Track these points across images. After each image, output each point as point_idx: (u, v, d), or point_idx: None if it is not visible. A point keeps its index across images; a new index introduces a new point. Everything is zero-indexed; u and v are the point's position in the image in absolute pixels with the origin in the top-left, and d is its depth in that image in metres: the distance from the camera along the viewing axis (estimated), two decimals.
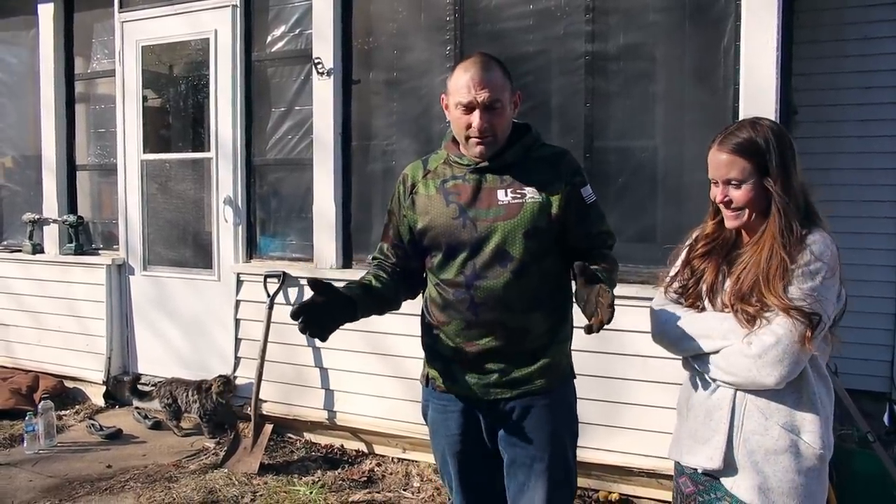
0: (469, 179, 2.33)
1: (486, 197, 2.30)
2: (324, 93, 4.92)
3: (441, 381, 2.47)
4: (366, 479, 4.51)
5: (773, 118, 3.66)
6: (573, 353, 2.54)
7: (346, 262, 4.93)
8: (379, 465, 4.69)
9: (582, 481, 4.29)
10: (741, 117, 3.72)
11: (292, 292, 5.01)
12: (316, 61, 4.90)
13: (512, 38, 4.48)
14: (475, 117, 2.23)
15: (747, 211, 2.01)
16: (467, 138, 2.28)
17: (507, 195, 2.28)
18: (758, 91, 3.72)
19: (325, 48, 4.90)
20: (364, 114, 4.96)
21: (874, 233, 5.74)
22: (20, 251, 6.46)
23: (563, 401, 2.46)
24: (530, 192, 2.28)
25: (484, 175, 2.32)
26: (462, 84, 2.23)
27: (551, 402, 2.39)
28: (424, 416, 2.60)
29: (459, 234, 2.31)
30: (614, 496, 4.21)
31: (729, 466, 2.02)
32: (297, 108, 5.17)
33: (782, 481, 1.96)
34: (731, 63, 3.86)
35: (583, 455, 4.17)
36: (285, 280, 5.01)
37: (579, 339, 4.15)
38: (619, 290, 3.95)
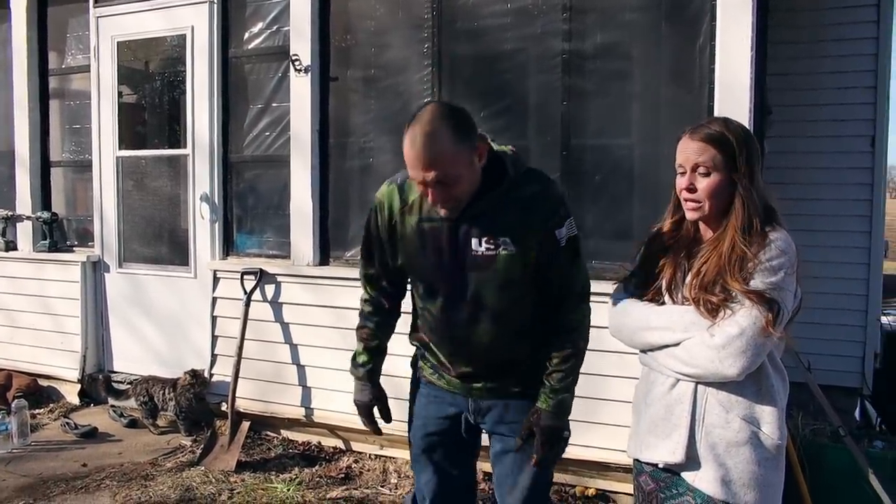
0: (444, 227, 2.25)
1: (461, 246, 2.24)
2: (301, 90, 4.91)
3: (429, 374, 2.54)
4: (343, 475, 4.51)
5: (747, 116, 3.72)
6: None
7: (324, 259, 4.92)
8: (356, 461, 4.69)
9: (559, 476, 4.32)
10: (716, 115, 3.77)
11: (269, 289, 4.99)
12: (294, 58, 4.89)
13: (490, 36, 4.49)
14: (430, 193, 2.13)
15: (708, 203, 2.03)
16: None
17: (480, 245, 2.21)
18: (732, 90, 3.77)
19: (302, 45, 4.88)
20: (342, 111, 4.95)
21: (848, 231, 5.82)
22: None
23: None
24: (503, 243, 2.20)
25: (458, 224, 2.23)
26: (410, 159, 2.09)
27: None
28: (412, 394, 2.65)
29: (437, 279, 2.33)
30: (591, 491, 4.24)
31: (691, 460, 2.04)
32: (274, 104, 5.16)
33: (743, 473, 1.99)
34: (706, 62, 3.90)
35: None
36: (262, 277, 4.98)
37: None
38: (596, 286, 3.99)
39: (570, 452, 4.10)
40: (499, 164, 2.22)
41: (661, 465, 2.12)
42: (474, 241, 2.21)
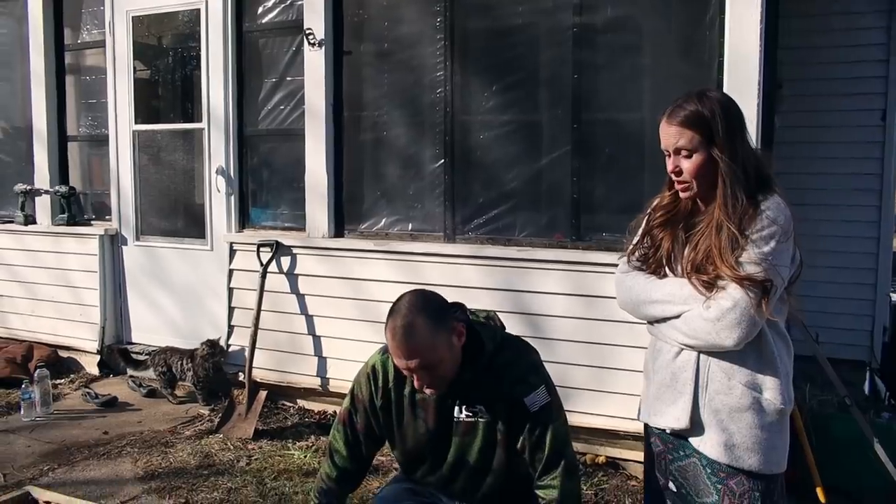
0: (431, 398, 2.38)
1: (446, 415, 2.38)
2: (315, 64, 4.96)
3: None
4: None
5: (755, 91, 3.75)
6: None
7: (339, 232, 5.00)
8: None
9: None
10: (725, 89, 3.80)
11: (285, 261, 5.08)
12: (307, 32, 4.94)
13: (501, 9, 4.53)
14: (415, 379, 2.26)
15: (696, 182, 2.07)
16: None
17: (462, 412, 2.36)
18: (741, 63, 3.79)
19: (316, 19, 4.93)
20: (355, 85, 5.00)
21: (858, 205, 5.85)
22: (12, 222, 6.49)
23: None
24: (480, 411, 2.34)
25: (444, 398, 2.37)
26: (393, 350, 2.23)
27: None
28: None
29: (426, 449, 2.45)
30: (601, 459, 4.33)
31: (695, 426, 2.10)
32: (288, 78, 5.21)
33: (746, 437, 2.04)
34: (715, 35, 3.93)
35: (571, 419, 4.28)
36: (278, 249, 5.07)
37: (568, 304, 4.26)
38: (607, 258, 4.06)
39: (581, 421, 4.23)
40: (478, 337, 2.34)
41: (668, 431, 2.19)
42: (456, 409, 2.37)
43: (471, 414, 2.34)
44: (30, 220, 6.42)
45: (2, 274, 6.54)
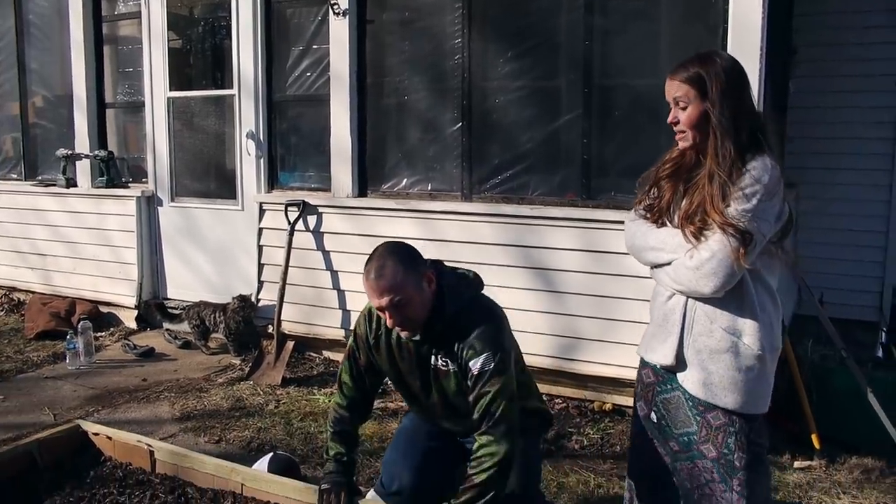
0: (412, 343, 2.60)
1: (424, 361, 2.60)
2: (340, 32, 5.20)
3: None
4: (381, 391, 4.88)
5: (757, 56, 3.92)
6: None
7: (362, 191, 5.27)
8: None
9: (578, 392, 4.66)
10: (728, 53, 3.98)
11: (311, 220, 5.35)
12: (332, 2, 5.16)
13: None
14: (386, 316, 2.46)
15: (691, 133, 2.25)
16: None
17: (437, 360, 2.58)
18: (744, 30, 3.97)
19: None
20: (377, 52, 5.24)
21: (869, 169, 5.96)
22: (55, 185, 6.84)
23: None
24: (450, 362, 2.55)
25: (421, 343, 2.58)
26: (368, 290, 2.45)
27: None
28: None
29: (413, 386, 2.70)
30: (608, 406, 4.56)
31: (680, 363, 2.31)
32: (314, 47, 5.46)
33: (724, 377, 2.24)
34: (721, 2, 4.09)
35: (579, 368, 4.59)
36: (305, 209, 5.35)
37: (578, 259, 4.47)
38: (615, 216, 4.25)
39: (589, 370, 4.47)
40: (447, 298, 2.53)
41: (658, 366, 2.41)
42: (432, 358, 2.59)
43: (444, 364, 2.57)
44: (71, 182, 6.75)
45: (45, 234, 6.90)
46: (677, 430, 2.35)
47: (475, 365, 2.46)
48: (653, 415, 2.44)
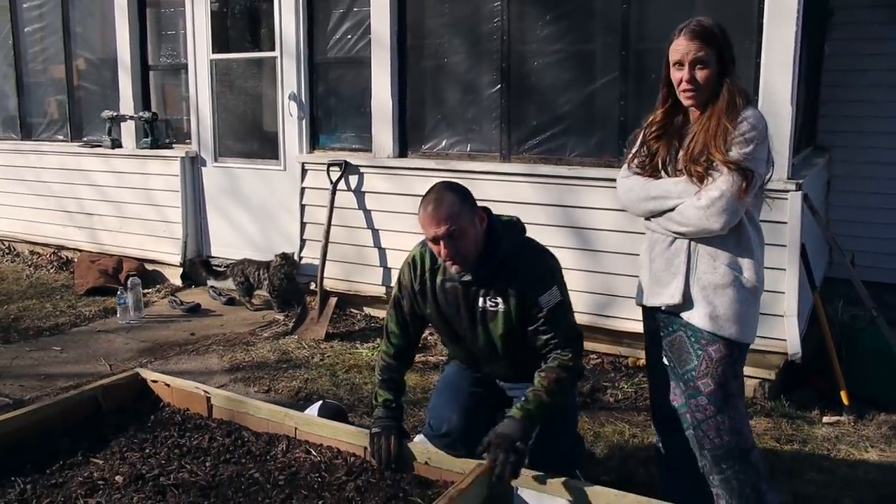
0: (460, 285, 2.68)
1: (471, 303, 2.69)
2: None
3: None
4: (420, 345, 5.05)
5: (794, 19, 3.99)
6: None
7: (402, 152, 5.40)
8: (431, 333, 5.20)
9: (613, 348, 4.81)
10: (766, 17, 4.05)
11: (352, 180, 5.50)
12: None
13: None
14: (441, 247, 2.53)
15: (704, 90, 2.42)
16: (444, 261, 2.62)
17: (485, 302, 2.67)
18: None
19: None
20: (418, 14, 5.32)
21: None
22: (100, 146, 7.02)
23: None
24: (501, 302, 2.64)
25: (470, 285, 2.67)
26: (424, 222, 2.53)
27: None
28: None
29: (458, 329, 2.80)
30: (642, 362, 4.67)
31: (686, 301, 2.49)
32: (355, 9, 5.55)
33: (728, 309, 2.44)
34: None
35: (614, 325, 4.73)
36: (346, 168, 5.49)
37: (614, 219, 4.57)
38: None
39: (625, 326, 4.61)
40: (497, 235, 2.65)
41: (663, 308, 2.58)
42: (480, 300, 2.68)
43: (493, 304, 2.68)
44: (116, 143, 6.94)
45: (92, 194, 7.11)
46: (681, 368, 2.57)
47: (545, 297, 2.60)
48: (664, 359, 2.65)
